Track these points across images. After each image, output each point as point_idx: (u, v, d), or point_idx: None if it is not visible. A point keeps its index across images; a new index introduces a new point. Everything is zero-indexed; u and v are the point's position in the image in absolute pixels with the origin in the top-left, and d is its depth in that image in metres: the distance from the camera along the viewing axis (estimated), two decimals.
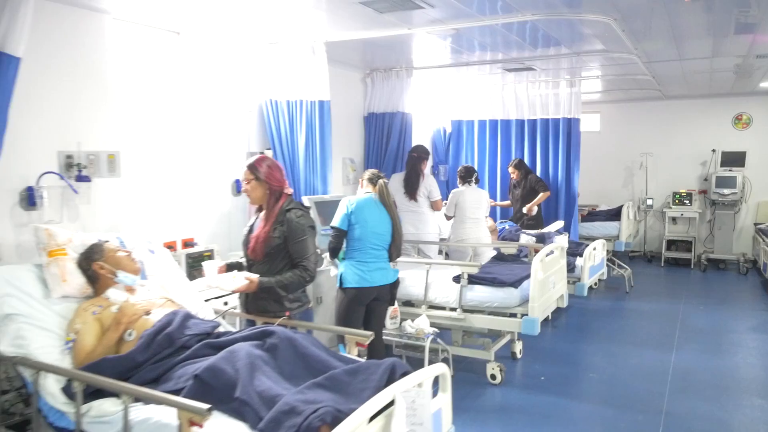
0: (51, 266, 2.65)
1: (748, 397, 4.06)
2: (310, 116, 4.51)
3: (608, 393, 4.14)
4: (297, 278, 2.96)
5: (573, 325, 5.91)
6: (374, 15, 3.68)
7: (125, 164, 3.60)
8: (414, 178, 5.42)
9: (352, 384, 2.15)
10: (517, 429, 3.56)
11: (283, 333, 2.43)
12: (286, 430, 1.89)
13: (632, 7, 3.69)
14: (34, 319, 2.50)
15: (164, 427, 2.04)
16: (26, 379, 2.38)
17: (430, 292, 4.38)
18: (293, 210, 3.03)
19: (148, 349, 2.40)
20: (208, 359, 2.30)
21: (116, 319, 2.52)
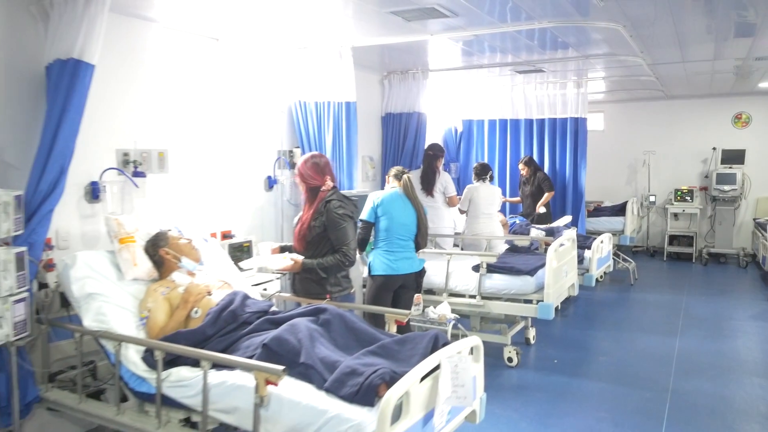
0: (123, 252, 2.95)
1: (749, 377, 4.36)
2: (337, 116, 4.81)
3: (617, 373, 4.44)
4: (336, 261, 3.27)
5: (581, 314, 6.21)
6: (402, 23, 3.98)
7: (172, 161, 3.90)
8: (430, 175, 5.72)
9: (402, 352, 2.45)
10: (534, 405, 3.86)
11: (334, 309, 2.73)
12: (350, 388, 2.19)
13: (641, 15, 3.99)
14: (111, 298, 2.80)
15: (238, 389, 2.34)
16: (108, 351, 2.68)
17: (450, 281, 4.68)
18: (332, 201, 3.34)
19: (215, 324, 2.70)
20: (270, 332, 2.60)
21: (184, 299, 2.82)
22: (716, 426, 3.56)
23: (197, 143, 4.14)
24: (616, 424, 3.57)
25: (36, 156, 2.89)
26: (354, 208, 3.43)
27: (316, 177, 3.40)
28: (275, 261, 3.26)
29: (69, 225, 3.28)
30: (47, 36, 2.99)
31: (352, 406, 2.15)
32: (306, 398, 2.21)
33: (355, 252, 3.39)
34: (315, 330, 2.57)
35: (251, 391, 2.25)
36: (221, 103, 4.34)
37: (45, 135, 2.87)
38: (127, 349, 2.62)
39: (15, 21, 3.01)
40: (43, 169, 2.86)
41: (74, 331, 2.74)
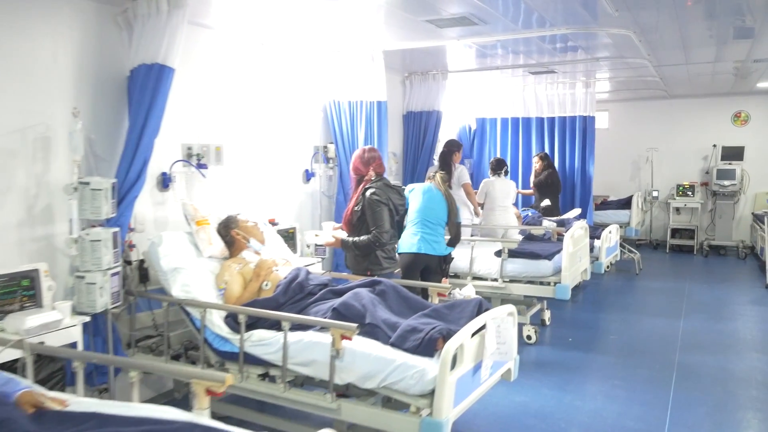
0: (200, 233, 3.37)
1: (747, 352, 4.78)
2: (369, 114, 5.22)
3: (627, 349, 4.86)
4: (367, 241, 3.68)
5: (591, 300, 6.63)
6: (433, 29, 4.39)
7: (227, 155, 4.30)
8: (446, 170, 6.13)
9: (451, 315, 2.86)
10: (554, 376, 4.27)
11: (388, 282, 3.15)
12: (412, 342, 2.61)
13: (650, 22, 4.40)
14: (193, 272, 3.22)
15: (315, 345, 2.75)
16: (193, 317, 3.09)
17: (474, 266, 5.10)
18: (370, 189, 3.75)
19: (286, 293, 3.11)
20: (333, 300, 3.02)
21: (256, 273, 3.24)
22: (718, 392, 3.98)
23: (246, 139, 4.54)
24: (628, 390, 3.99)
25: (124, 149, 3.30)
26: (397, 196, 3.84)
27: (361, 168, 3.82)
28: (325, 236, 3.74)
29: (144, 210, 3.68)
30: (131, 43, 3.39)
31: (415, 356, 2.57)
32: (375, 351, 2.63)
33: (388, 235, 3.76)
34: (374, 298, 2.98)
35: (327, 346, 2.67)
36: (266, 102, 4.73)
37: (132, 131, 3.28)
38: (212, 314, 3.04)
39: (103, 30, 3.41)
40: (131, 161, 3.26)
41: (163, 300, 3.16)
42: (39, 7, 3.10)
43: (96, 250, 3.00)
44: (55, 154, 3.19)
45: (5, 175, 2.97)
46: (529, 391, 3.97)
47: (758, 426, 3.53)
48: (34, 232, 3.11)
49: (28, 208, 3.08)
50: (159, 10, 3.29)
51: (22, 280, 2.80)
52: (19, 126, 3.02)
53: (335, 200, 5.37)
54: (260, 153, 4.69)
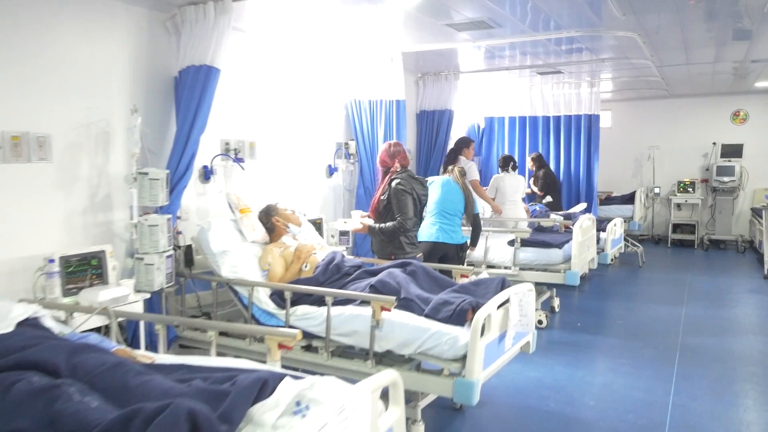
0: (243, 220, 3.67)
1: (745, 334, 5.09)
2: (389, 113, 5.53)
3: (633, 332, 5.17)
4: (392, 227, 3.97)
5: (597, 289, 6.94)
6: (452, 32, 4.71)
7: (259, 150, 4.61)
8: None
9: (478, 290, 3.16)
10: (565, 356, 4.57)
11: (417, 263, 3.46)
12: (445, 313, 2.91)
13: (654, 25, 4.71)
14: (239, 255, 3.53)
15: (356, 317, 3.05)
16: (241, 295, 3.40)
17: (488, 255, 5.40)
18: (395, 179, 4.05)
19: (325, 273, 3.42)
20: (368, 279, 3.32)
21: (296, 255, 3.55)
22: (718, 368, 4.28)
23: (276, 135, 4.85)
24: (635, 367, 4.29)
25: (174, 144, 3.62)
26: (419, 186, 4.14)
27: (387, 161, 4.12)
28: (354, 222, 4.04)
29: (188, 200, 3.99)
30: (179, 47, 3.71)
31: (448, 325, 2.87)
32: (411, 321, 2.94)
33: (411, 221, 4.07)
34: (406, 277, 3.29)
35: (367, 318, 2.97)
36: (293, 101, 5.04)
37: (182, 127, 3.59)
38: (258, 292, 3.34)
39: (153, 35, 3.73)
40: (180, 154, 3.58)
41: (213, 280, 3.47)
42: (100, 15, 3.41)
43: (153, 234, 3.31)
44: (113, 147, 3.50)
45: (73, 166, 3.28)
46: (542, 368, 4.28)
47: (754, 395, 3.84)
48: (96, 218, 3.42)
49: (91, 196, 3.39)
50: (206, 16, 3.61)
51: (91, 259, 3.11)
52: (84, 122, 3.33)
53: (355, 194, 5.68)
54: (288, 148, 5.00)
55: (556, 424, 3.43)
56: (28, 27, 3.03)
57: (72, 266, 3.00)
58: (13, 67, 2.97)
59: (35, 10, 3.05)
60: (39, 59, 3.09)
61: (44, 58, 3.12)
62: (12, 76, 2.97)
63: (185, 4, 3.70)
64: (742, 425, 3.40)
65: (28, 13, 3.02)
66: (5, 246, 2.94)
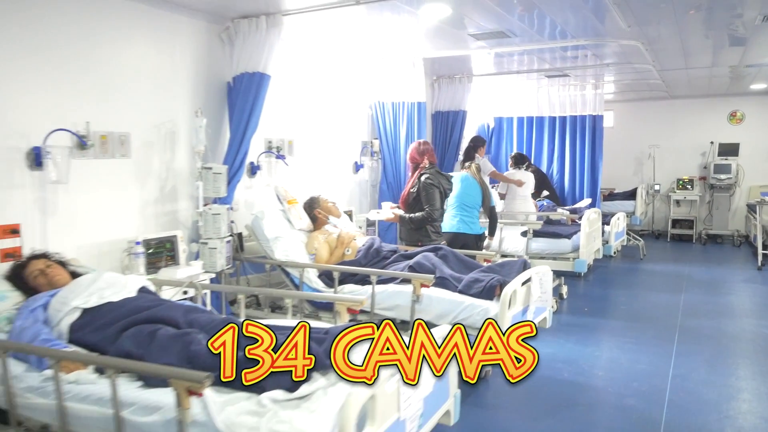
0: (291, 210, 4.13)
1: (740, 318, 5.56)
2: (410, 114, 5.98)
3: (636, 316, 5.62)
4: (421, 217, 4.43)
5: (601, 279, 7.39)
6: (472, 40, 5.15)
7: (297, 148, 5.06)
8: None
9: (502, 271, 3.62)
10: (574, 335, 5.02)
11: (447, 248, 3.92)
12: (476, 289, 3.37)
13: (656, 34, 5.16)
14: (289, 240, 3.98)
15: (398, 293, 3.51)
16: (293, 276, 3.85)
17: (503, 245, 5.86)
18: (424, 174, 4.50)
19: (366, 256, 3.88)
20: (406, 261, 3.78)
21: (340, 241, 4.01)
22: (714, 345, 4.74)
23: (309, 134, 5.29)
24: (638, 344, 4.75)
25: (230, 142, 4.07)
26: (445, 181, 4.59)
27: (417, 157, 4.58)
28: (385, 213, 4.50)
29: (238, 193, 4.42)
30: (233, 55, 4.15)
31: (479, 299, 3.34)
32: (447, 296, 3.40)
33: (438, 212, 4.52)
34: (439, 260, 3.75)
35: (408, 294, 3.43)
36: (324, 103, 5.49)
37: (238, 128, 4.03)
38: (308, 273, 3.80)
39: (210, 45, 4.17)
40: (236, 152, 4.02)
41: (267, 263, 3.92)
42: (167, 28, 3.85)
43: (216, 222, 3.76)
44: (178, 145, 3.95)
45: (146, 161, 3.73)
46: (555, 345, 4.73)
47: (745, 367, 4.30)
48: (164, 208, 3.87)
49: (161, 188, 3.84)
50: (258, 28, 4.05)
51: (166, 243, 3.56)
52: (155, 122, 3.78)
53: (379, 188, 6.14)
54: (320, 146, 5.44)
55: (570, 389, 3.89)
56: (110, 41, 3.48)
57: (152, 248, 3.45)
58: (100, 76, 3.42)
59: (115, 27, 3.50)
60: (119, 68, 3.54)
61: (123, 67, 3.57)
62: (100, 83, 3.41)
63: (238, 18, 4.15)
64: (734, 391, 3.86)
65: (109, 30, 3.47)
66: (96, 230, 3.39)
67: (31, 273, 2.63)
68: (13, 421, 2.13)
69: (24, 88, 3.03)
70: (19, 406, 2.13)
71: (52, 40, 3.14)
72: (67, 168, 3.09)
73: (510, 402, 3.78)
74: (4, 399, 2.15)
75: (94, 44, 3.38)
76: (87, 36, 3.34)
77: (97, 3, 3.38)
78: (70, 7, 3.23)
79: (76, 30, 3.28)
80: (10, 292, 2.58)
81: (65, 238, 3.19)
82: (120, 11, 3.52)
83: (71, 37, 3.25)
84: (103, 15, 3.43)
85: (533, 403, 3.73)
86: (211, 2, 3.93)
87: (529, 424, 3.44)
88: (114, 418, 1.90)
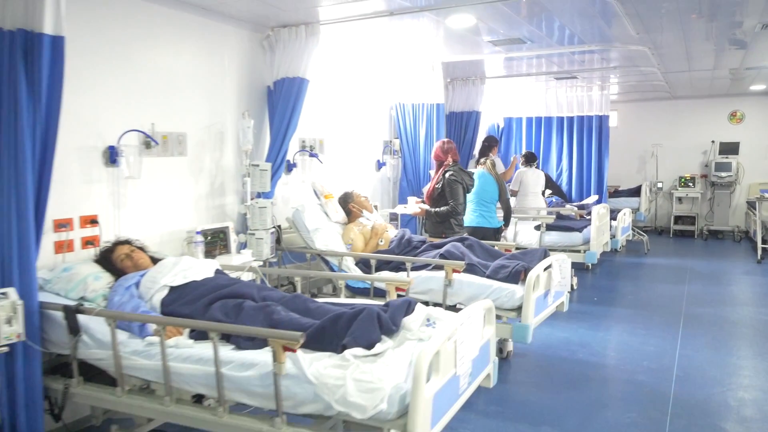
0: (328, 204, 4.48)
1: (740, 306, 5.92)
2: (430, 115, 6.34)
3: (643, 305, 5.98)
4: (446, 211, 4.80)
5: (607, 272, 7.76)
6: (491, 46, 5.51)
7: (327, 147, 5.41)
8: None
9: (525, 258, 3.97)
10: (586, 322, 5.38)
11: (473, 238, 4.27)
12: (503, 274, 3.72)
13: (662, 40, 5.51)
14: (328, 232, 4.33)
15: (430, 278, 3.86)
16: (332, 264, 4.20)
17: (517, 237, 6.22)
18: (448, 171, 4.86)
19: (399, 246, 4.23)
20: (436, 251, 4.13)
21: (374, 233, 4.36)
22: (716, 329, 5.10)
23: (337, 134, 5.65)
24: (646, 329, 5.11)
25: (271, 142, 4.42)
26: (467, 178, 4.95)
27: (441, 155, 4.93)
28: (411, 207, 4.86)
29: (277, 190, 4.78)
30: (273, 61, 4.50)
31: (506, 283, 3.69)
32: (476, 280, 3.76)
33: (461, 206, 4.89)
34: (466, 249, 4.11)
35: (440, 278, 3.78)
36: (350, 104, 5.84)
37: (279, 129, 4.38)
38: (347, 261, 4.15)
39: (252, 52, 4.52)
40: (278, 151, 4.37)
41: (308, 252, 4.27)
42: (216, 37, 4.20)
43: (262, 214, 4.11)
44: (226, 144, 4.30)
45: (200, 159, 4.08)
46: (568, 330, 5.09)
47: (745, 348, 4.66)
48: (214, 201, 4.23)
49: (211, 183, 4.19)
50: (298, 36, 4.41)
51: (220, 233, 3.91)
52: (207, 123, 4.13)
53: (399, 185, 6.49)
54: (347, 145, 5.80)
55: (585, 367, 4.25)
56: (170, 51, 3.83)
57: (208, 237, 3.81)
58: (162, 82, 3.77)
59: (174, 37, 3.85)
60: (177, 74, 3.89)
61: (180, 73, 3.92)
62: (161, 89, 3.77)
63: (278, 27, 4.50)
64: (735, 368, 4.22)
65: (169, 41, 3.82)
66: (159, 221, 3.75)
67: (118, 257, 2.99)
68: (120, 379, 2.49)
69: (100, 94, 3.37)
70: (124, 368, 2.49)
71: (122, 51, 3.49)
72: (139, 165, 3.45)
73: (531, 378, 4.15)
74: (109, 362, 2.51)
75: (156, 54, 3.74)
76: (151, 47, 3.69)
77: (158, 17, 3.73)
78: (137, 22, 3.58)
79: (142, 42, 3.63)
80: (102, 273, 2.93)
81: (134, 228, 3.55)
82: (177, 23, 3.87)
83: (138, 48, 3.60)
84: (164, 28, 3.78)
85: (552, 379, 4.10)
86: (254, 13, 4.27)
87: (551, 395, 3.80)
88: (216, 374, 2.25)
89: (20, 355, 2.53)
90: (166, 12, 3.79)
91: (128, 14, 3.53)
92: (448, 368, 2.20)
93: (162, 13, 3.76)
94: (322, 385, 2.07)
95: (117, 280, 2.87)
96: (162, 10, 3.76)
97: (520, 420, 3.40)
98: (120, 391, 2.50)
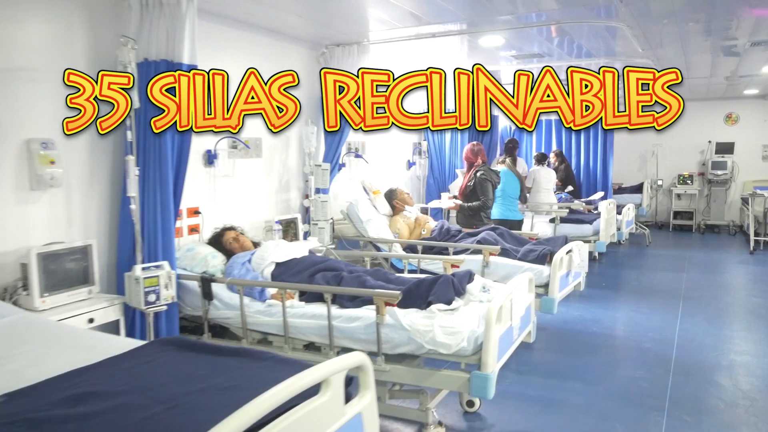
0: (377, 198, 5.19)
1: (735, 290, 6.64)
2: None
3: (646, 289, 6.70)
4: (477, 205, 5.50)
5: (613, 262, 8.47)
6: (512, 59, 6.21)
7: (368, 148, 6.11)
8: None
9: (549, 244, 4.68)
10: (596, 302, 6.09)
11: (502, 227, 4.98)
12: (532, 256, 4.43)
13: (664, 54, 6.22)
14: (377, 223, 5.03)
15: (470, 261, 4.55)
16: (382, 248, 4.90)
17: (533, 230, 6.92)
18: (479, 171, 5.56)
19: (440, 235, 4.94)
20: (472, 238, 4.84)
21: (418, 224, 5.07)
22: (712, 309, 5.81)
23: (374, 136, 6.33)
24: (650, 308, 5.82)
25: (327, 146, 5.11)
26: (495, 176, 5.65)
27: (471, 157, 5.64)
28: (446, 202, 5.56)
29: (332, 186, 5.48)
30: None
31: (534, 264, 4.40)
32: (510, 262, 4.46)
33: (491, 201, 5.60)
34: (498, 236, 4.82)
35: (479, 261, 4.49)
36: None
37: (334, 135, 5.08)
38: (396, 247, 4.86)
39: (310, 66, 5.21)
40: (334, 152, 5.08)
41: (362, 239, 4.97)
42: (284, 53, 4.90)
43: (323, 207, 4.81)
44: (290, 147, 5.00)
45: (271, 160, 4.78)
46: (581, 310, 5.80)
47: (738, 324, 5.38)
48: (281, 197, 4.93)
49: (279, 181, 4.90)
50: (350, 54, 5.11)
51: (291, 223, 4.62)
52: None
53: (426, 183, 7.20)
54: (383, 147, 6.49)
55: (598, 338, 4.96)
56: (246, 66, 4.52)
57: (283, 226, 4.51)
58: None
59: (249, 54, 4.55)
60: None
61: None
62: None
63: (332, 45, 5.20)
64: (727, 338, 4.93)
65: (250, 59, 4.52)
66: (242, 212, 4.46)
67: (227, 240, 3.69)
68: (244, 333, 3.19)
69: None
70: (248, 324, 3.19)
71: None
72: (233, 165, 4.15)
73: (553, 346, 4.86)
74: (236, 320, 3.21)
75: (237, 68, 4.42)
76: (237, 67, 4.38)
77: (238, 41, 4.43)
78: (224, 43, 4.28)
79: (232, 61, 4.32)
80: (216, 252, 3.63)
81: (225, 218, 4.24)
82: (251, 43, 4.58)
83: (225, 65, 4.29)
84: (244, 49, 4.48)
85: (569, 346, 4.81)
86: (313, 34, 4.97)
87: (572, 359, 4.51)
88: (328, 326, 2.95)
89: (164, 315, 3.24)
90: (244, 35, 4.51)
91: (221, 39, 4.23)
92: (506, 319, 2.91)
93: (241, 36, 4.48)
94: (415, 330, 2.78)
95: (229, 258, 3.56)
96: (241, 34, 4.47)
97: (550, 376, 4.11)
98: (246, 342, 3.21)
